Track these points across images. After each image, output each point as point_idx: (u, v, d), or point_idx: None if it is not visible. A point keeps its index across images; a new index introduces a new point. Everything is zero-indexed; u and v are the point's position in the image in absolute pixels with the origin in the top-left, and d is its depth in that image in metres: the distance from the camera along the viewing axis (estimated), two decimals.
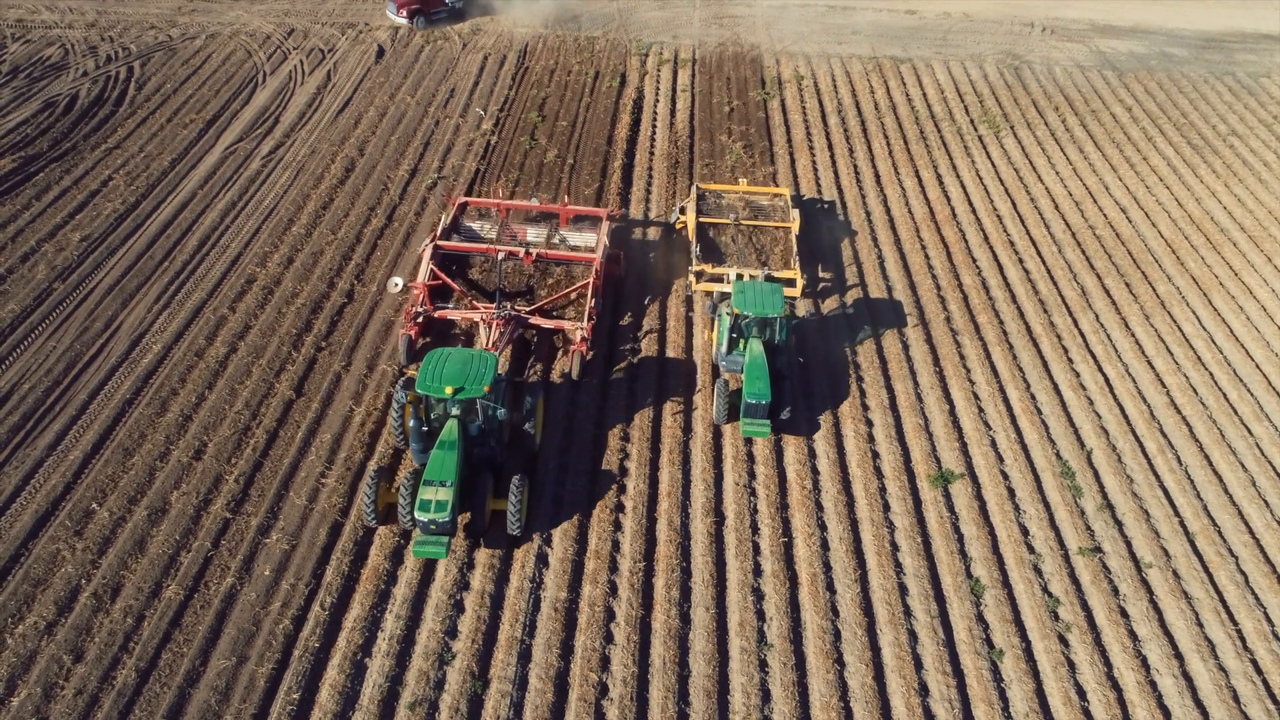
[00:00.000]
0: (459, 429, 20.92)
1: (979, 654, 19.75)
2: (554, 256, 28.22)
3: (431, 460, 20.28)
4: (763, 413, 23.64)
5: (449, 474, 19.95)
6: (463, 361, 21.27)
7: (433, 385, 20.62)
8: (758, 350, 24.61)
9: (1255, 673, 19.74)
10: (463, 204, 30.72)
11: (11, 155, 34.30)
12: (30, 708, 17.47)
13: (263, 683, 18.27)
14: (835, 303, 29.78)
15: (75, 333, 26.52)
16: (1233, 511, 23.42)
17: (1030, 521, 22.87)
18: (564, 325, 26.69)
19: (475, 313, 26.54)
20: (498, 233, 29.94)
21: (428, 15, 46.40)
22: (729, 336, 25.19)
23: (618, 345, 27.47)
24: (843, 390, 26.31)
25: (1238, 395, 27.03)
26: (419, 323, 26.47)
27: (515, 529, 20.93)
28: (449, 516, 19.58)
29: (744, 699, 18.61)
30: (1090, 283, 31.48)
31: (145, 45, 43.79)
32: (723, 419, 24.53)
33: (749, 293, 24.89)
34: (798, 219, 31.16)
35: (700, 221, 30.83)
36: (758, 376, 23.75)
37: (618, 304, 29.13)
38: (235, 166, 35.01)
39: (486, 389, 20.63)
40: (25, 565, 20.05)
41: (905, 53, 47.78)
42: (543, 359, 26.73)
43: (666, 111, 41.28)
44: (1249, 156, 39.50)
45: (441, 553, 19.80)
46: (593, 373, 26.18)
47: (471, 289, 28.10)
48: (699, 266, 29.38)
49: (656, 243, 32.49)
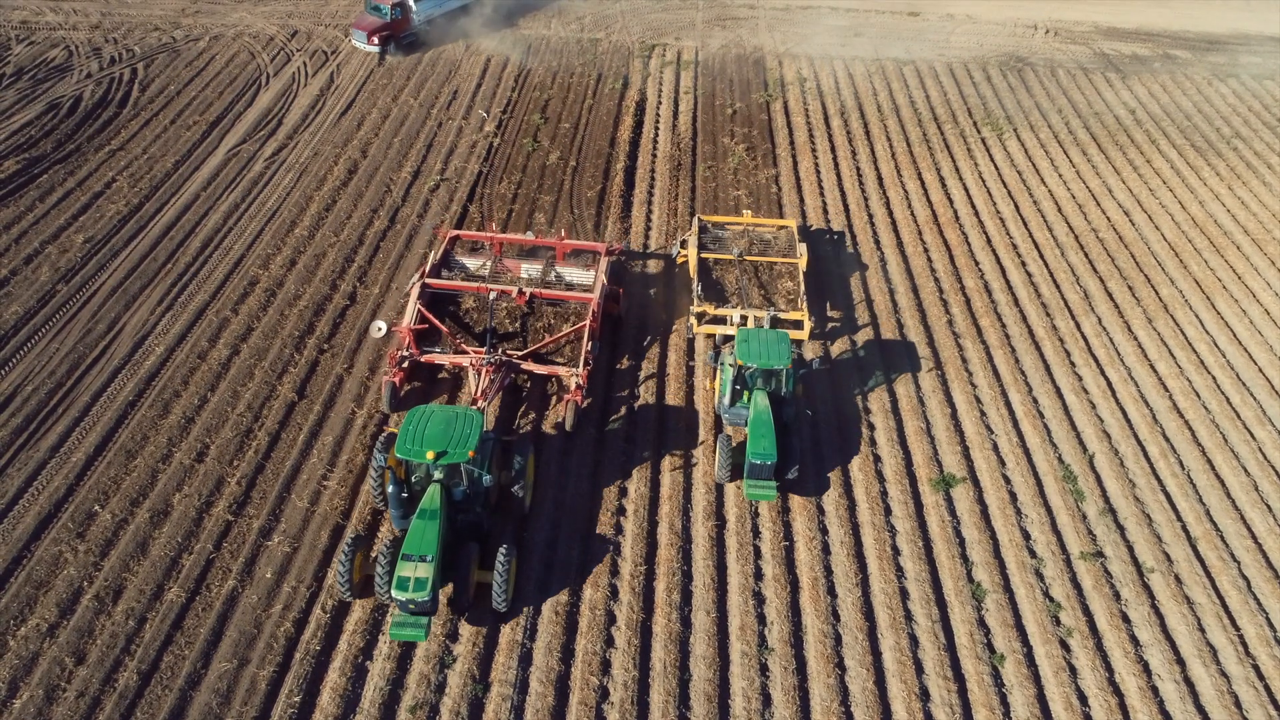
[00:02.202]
0: (442, 495, 19.33)
1: (980, 658, 19.73)
2: (549, 296, 26.50)
3: (411, 531, 18.67)
4: (768, 473, 22.11)
5: (429, 547, 18.28)
6: (446, 421, 19.63)
7: (413, 449, 19.02)
8: (763, 404, 23.02)
9: (1257, 678, 19.70)
10: (453, 238, 29.36)
11: (15, 157, 34.39)
12: (32, 710, 17.52)
13: (264, 685, 18.30)
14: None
15: (78, 334, 26.58)
16: (1235, 516, 23.38)
17: (1032, 526, 22.84)
18: (558, 371, 25.05)
19: (464, 357, 24.92)
20: (490, 268, 28.55)
21: (398, 41, 44.83)
22: (732, 388, 23.55)
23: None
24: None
25: (1240, 399, 26.97)
26: (404, 368, 24.88)
27: (501, 605, 19.31)
28: (429, 596, 17.90)
29: (745, 703, 18.61)
30: (1093, 286, 31.44)
31: (149, 47, 43.89)
32: (726, 477, 22.96)
33: (753, 342, 23.37)
34: (805, 254, 29.45)
35: (702, 257, 29.31)
36: (763, 434, 22.16)
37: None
38: (238, 168, 35.09)
39: (471, 454, 19.06)
40: (28, 567, 20.11)
41: (908, 55, 47.75)
42: (535, 407, 25.16)
43: (669, 113, 41.29)
44: (1252, 159, 39.42)
45: (421, 635, 18.18)
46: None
47: (460, 330, 26.41)
48: (700, 307, 27.51)
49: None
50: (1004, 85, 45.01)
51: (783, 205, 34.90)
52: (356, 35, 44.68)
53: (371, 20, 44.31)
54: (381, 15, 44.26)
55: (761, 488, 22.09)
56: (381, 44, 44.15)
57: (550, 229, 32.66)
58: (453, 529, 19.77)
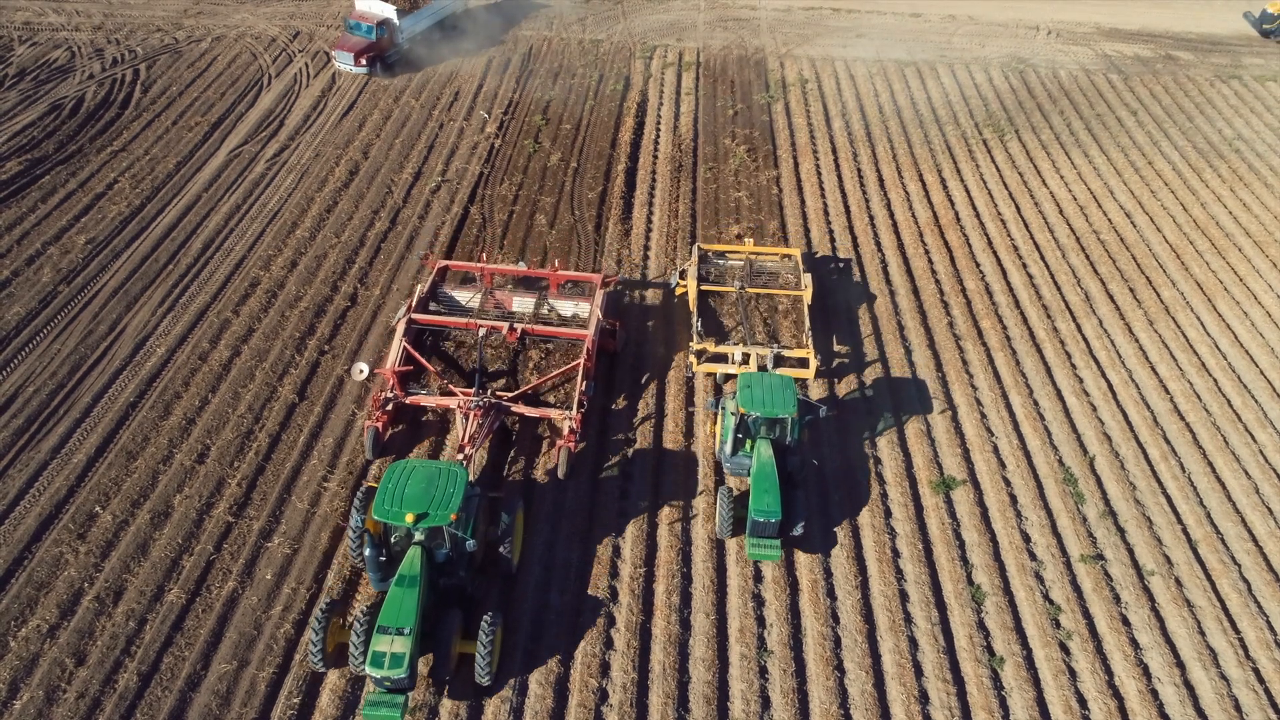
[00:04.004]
0: (422, 558, 18.00)
1: (979, 661, 19.72)
2: (541, 333, 25.32)
3: (389, 600, 17.34)
4: (772, 531, 20.77)
5: (407, 618, 17.00)
6: (427, 479, 18.36)
7: (392, 510, 17.78)
8: (766, 455, 21.62)
9: (1257, 681, 19.68)
10: (443, 268, 27.90)
11: (18, 158, 34.46)
12: (33, 710, 17.57)
13: (263, 687, 18.34)
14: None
15: (80, 336, 26.64)
16: (1236, 519, 23.35)
17: (1032, 528, 22.82)
18: (550, 414, 23.63)
19: (451, 399, 23.47)
20: (480, 301, 27.10)
21: (383, 60, 42.34)
22: (734, 436, 22.22)
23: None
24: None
25: (1241, 401, 26.93)
26: (388, 410, 23.45)
27: (485, 679, 18.05)
28: (405, 673, 16.69)
29: (744, 705, 18.61)
30: (1094, 288, 31.40)
31: (151, 48, 43.95)
32: (727, 533, 21.57)
33: (756, 388, 22.05)
34: (810, 286, 27.95)
35: (702, 290, 27.82)
36: (766, 489, 20.83)
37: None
38: (240, 170, 35.13)
39: (454, 516, 17.81)
40: (28, 568, 20.16)
41: (909, 56, 47.71)
42: (526, 451, 23.83)
43: (670, 115, 41.29)
44: (1255, 161, 39.35)
45: (396, 716, 16.84)
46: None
47: (448, 367, 25.13)
48: (700, 345, 25.94)
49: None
50: (1005, 86, 44.97)
51: (783, 206, 34.88)
52: (340, 57, 41.90)
53: (356, 40, 41.87)
54: (365, 34, 41.89)
55: (765, 547, 20.82)
56: (369, 65, 41.77)
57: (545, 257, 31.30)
58: (434, 593, 18.40)
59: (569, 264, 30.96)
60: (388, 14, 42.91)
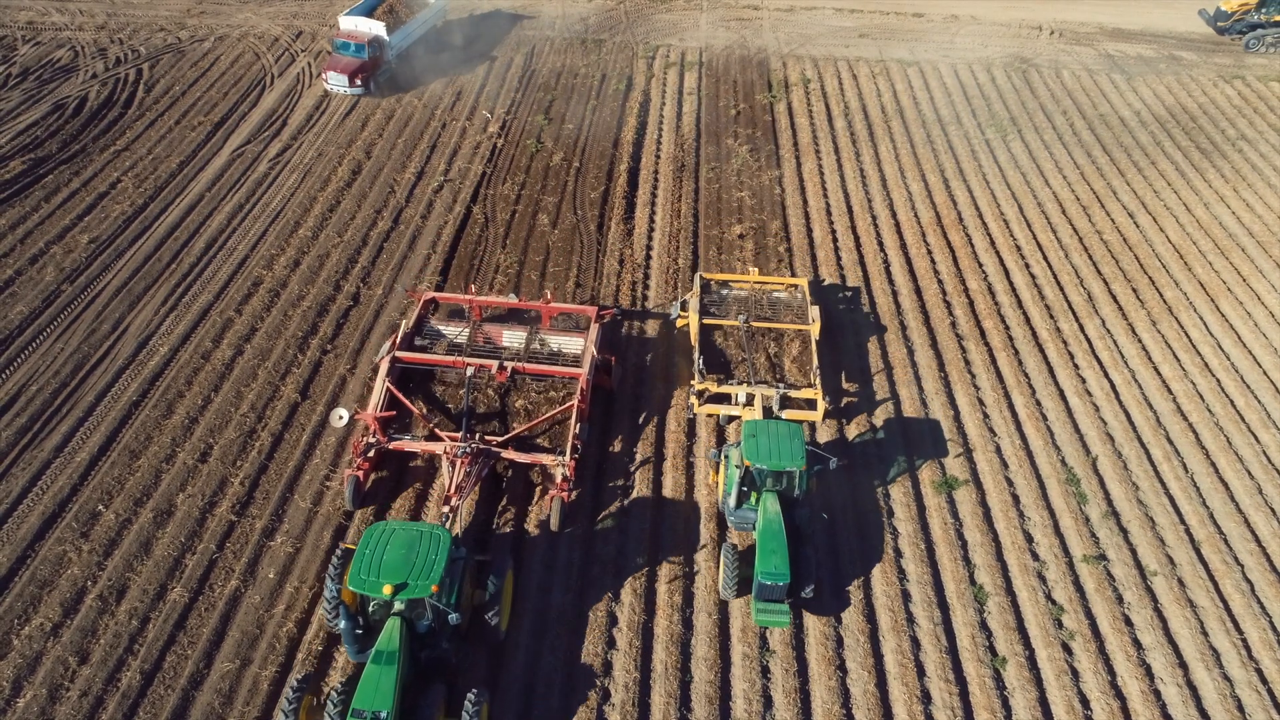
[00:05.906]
0: (402, 630, 16.74)
1: (981, 661, 19.71)
2: (533, 371, 24.05)
3: (364, 680, 16.03)
4: (780, 594, 19.33)
5: (384, 701, 15.66)
6: (408, 544, 17.11)
7: (369, 581, 16.54)
8: (773, 509, 20.19)
9: (1260, 682, 19.65)
10: (430, 300, 26.64)
11: (21, 157, 34.52)
12: (36, 709, 17.60)
13: (266, 686, 18.36)
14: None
15: (83, 335, 26.68)
16: (1239, 519, 23.32)
17: (1034, 528, 22.81)
18: (542, 460, 22.23)
19: (437, 444, 22.14)
20: (469, 335, 25.76)
21: (375, 79, 40.96)
22: (738, 488, 20.75)
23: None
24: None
25: (1244, 402, 26.90)
26: (369, 457, 22.05)
27: None
28: None
29: (745, 705, 18.61)
30: (1096, 288, 31.37)
31: (154, 47, 44.01)
32: (732, 593, 20.14)
33: (761, 438, 20.47)
34: (818, 319, 26.39)
35: (704, 324, 26.25)
36: (774, 549, 19.31)
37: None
38: (243, 169, 35.18)
39: (435, 588, 16.54)
40: (31, 567, 20.20)
41: (912, 56, 47.68)
42: (516, 500, 22.55)
43: (673, 115, 41.29)
44: (1258, 161, 39.28)
45: None
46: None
47: (434, 408, 23.65)
48: (702, 385, 24.41)
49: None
50: (1008, 86, 44.92)
51: (786, 206, 34.87)
52: (334, 79, 40.13)
53: (348, 61, 40.20)
54: (356, 54, 40.32)
55: (773, 611, 19.39)
56: (364, 85, 40.28)
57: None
58: (415, 666, 17.18)
59: (570, 263, 31.04)
60: (377, 31, 41.21)
